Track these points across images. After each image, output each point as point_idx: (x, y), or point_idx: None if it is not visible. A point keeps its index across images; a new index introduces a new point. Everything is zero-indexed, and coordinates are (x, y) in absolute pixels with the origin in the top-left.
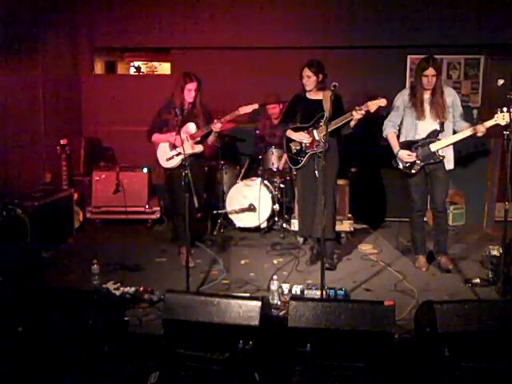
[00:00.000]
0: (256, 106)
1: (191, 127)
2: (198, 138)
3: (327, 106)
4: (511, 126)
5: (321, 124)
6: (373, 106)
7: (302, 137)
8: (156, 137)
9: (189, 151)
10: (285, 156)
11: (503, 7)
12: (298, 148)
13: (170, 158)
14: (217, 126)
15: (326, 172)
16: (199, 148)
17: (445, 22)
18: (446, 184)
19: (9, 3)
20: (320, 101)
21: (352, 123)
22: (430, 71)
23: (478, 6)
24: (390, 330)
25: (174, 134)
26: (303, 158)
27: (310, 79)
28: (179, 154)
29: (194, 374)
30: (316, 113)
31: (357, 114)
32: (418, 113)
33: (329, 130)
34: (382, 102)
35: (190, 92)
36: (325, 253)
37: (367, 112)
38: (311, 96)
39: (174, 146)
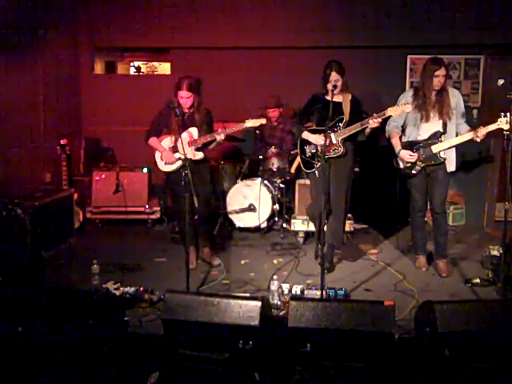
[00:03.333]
0: (263, 121)
1: (194, 132)
2: (200, 145)
3: (347, 109)
4: None
5: (339, 128)
6: (397, 110)
7: (319, 139)
8: (153, 142)
9: (189, 157)
10: (297, 159)
11: (503, 7)
12: (314, 151)
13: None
14: (221, 137)
15: (338, 177)
16: (200, 155)
17: (445, 22)
18: (446, 186)
19: (9, 3)
20: (340, 103)
21: (367, 131)
22: (442, 71)
23: (477, 6)
24: (390, 330)
25: (172, 138)
26: (318, 161)
27: (338, 83)
28: (179, 159)
29: (194, 374)
30: (335, 116)
31: (373, 123)
32: (421, 114)
33: (345, 135)
34: (407, 107)
35: (181, 100)
36: (326, 255)
37: (384, 120)
38: (331, 98)
39: (173, 150)
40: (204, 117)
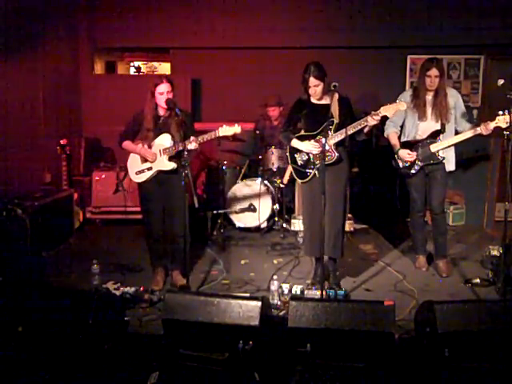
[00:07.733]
0: (238, 130)
1: (166, 139)
2: (172, 154)
3: (336, 110)
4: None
5: (330, 131)
6: (390, 109)
7: (311, 147)
8: (127, 145)
9: (160, 168)
10: (289, 169)
11: (503, 7)
12: (306, 159)
13: (140, 172)
14: (192, 145)
15: (335, 185)
16: (172, 165)
17: (445, 22)
18: (444, 186)
19: (9, 3)
20: (327, 105)
21: (366, 129)
22: (434, 72)
23: (477, 6)
24: (390, 330)
25: (145, 145)
26: (311, 170)
27: (317, 87)
28: (150, 168)
29: (194, 374)
30: (323, 119)
31: (372, 120)
32: (419, 113)
33: (340, 138)
34: (401, 105)
35: (161, 96)
36: (327, 266)
37: (384, 117)
38: (317, 100)
39: (145, 159)
40: (183, 118)
